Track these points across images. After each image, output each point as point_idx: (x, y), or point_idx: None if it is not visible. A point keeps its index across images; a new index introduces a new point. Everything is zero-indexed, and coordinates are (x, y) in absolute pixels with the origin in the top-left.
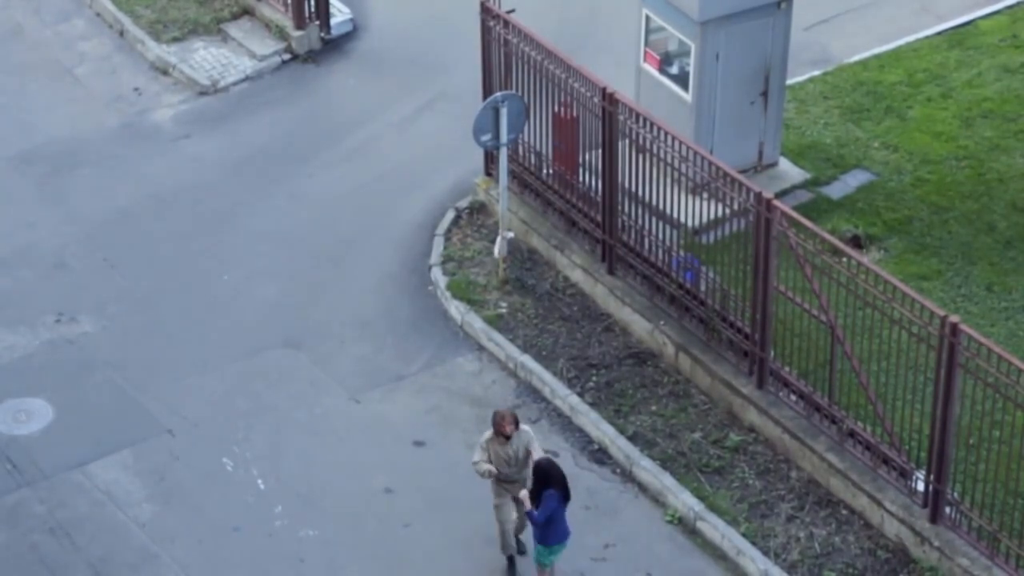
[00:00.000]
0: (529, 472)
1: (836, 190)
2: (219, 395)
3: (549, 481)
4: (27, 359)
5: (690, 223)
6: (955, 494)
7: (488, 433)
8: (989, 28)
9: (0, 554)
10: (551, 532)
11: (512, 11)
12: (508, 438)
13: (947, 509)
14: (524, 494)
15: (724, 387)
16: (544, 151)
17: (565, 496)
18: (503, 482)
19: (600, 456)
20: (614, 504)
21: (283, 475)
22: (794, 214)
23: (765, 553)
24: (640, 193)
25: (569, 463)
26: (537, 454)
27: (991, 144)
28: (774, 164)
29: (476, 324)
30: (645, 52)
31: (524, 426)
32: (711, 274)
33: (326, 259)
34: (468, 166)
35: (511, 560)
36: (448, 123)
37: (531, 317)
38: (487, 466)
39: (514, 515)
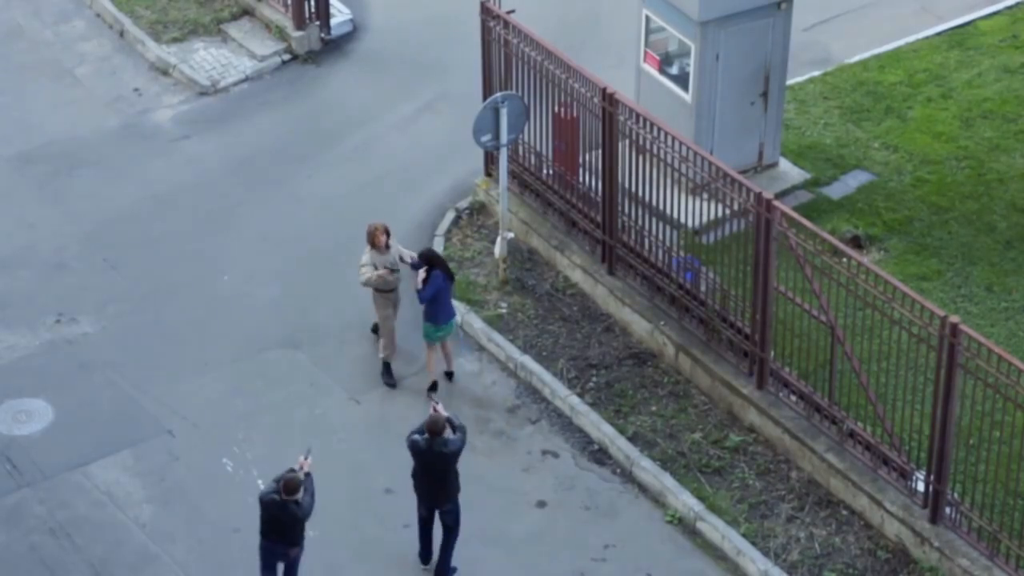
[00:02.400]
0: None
1: (836, 190)
2: (219, 395)
3: (433, 265)
4: (27, 359)
5: (690, 223)
6: (955, 494)
7: (366, 252)
8: (989, 28)
9: (0, 554)
10: (439, 311)
11: (512, 11)
12: (388, 247)
13: (947, 509)
14: (419, 275)
15: (724, 387)
16: (544, 151)
17: (449, 276)
18: (385, 292)
19: (600, 456)
20: (614, 504)
21: None
22: (794, 214)
23: (765, 553)
24: (640, 193)
25: (569, 463)
26: (409, 256)
27: (991, 144)
28: (774, 164)
29: (476, 324)
30: (645, 52)
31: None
32: (711, 274)
33: (326, 259)
34: (468, 166)
35: (387, 365)
36: (448, 123)
37: (531, 317)
38: (371, 272)
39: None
